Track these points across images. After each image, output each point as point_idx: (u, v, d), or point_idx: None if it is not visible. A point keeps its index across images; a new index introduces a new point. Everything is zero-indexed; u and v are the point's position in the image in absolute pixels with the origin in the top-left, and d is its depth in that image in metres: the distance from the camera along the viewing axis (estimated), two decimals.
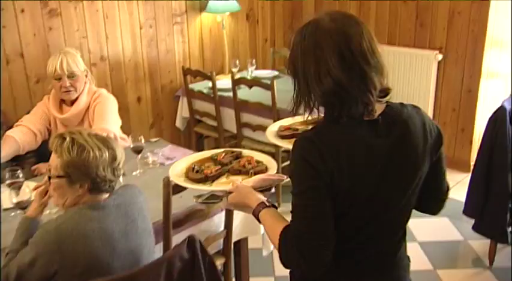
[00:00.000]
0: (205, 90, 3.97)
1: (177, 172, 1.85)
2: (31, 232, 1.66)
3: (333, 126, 1.26)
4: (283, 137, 2.01)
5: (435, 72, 4.21)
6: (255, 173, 1.74)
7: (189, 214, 2.13)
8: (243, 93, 3.71)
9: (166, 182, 1.97)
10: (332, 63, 1.21)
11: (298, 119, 2.00)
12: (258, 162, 1.86)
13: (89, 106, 2.70)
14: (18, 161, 2.77)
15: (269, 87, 3.47)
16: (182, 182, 1.78)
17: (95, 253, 1.55)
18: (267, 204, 1.40)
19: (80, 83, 2.66)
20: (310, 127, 1.32)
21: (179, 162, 1.94)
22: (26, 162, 2.81)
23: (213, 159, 1.94)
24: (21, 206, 2.02)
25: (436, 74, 4.22)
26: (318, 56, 1.22)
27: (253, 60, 4.27)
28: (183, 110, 4.23)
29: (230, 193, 1.49)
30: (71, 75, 2.61)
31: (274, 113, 3.52)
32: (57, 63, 2.59)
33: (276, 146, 3.58)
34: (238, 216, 2.38)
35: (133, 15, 3.85)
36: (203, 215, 2.18)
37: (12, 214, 2.17)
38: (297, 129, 2.01)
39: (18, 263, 1.58)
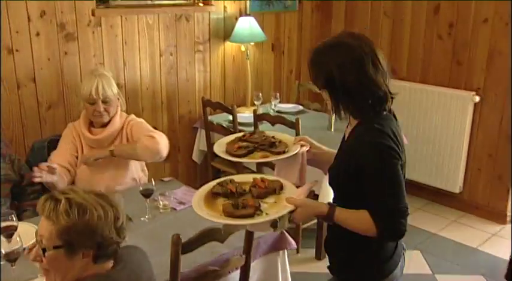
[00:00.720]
0: (225, 124, 3.74)
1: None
2: None
3: (380, 119, 1.60)
4: (239, 156, 1.96)
5: (471, 114, 3.94)
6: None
7: (201, 274, 1.87)
8: (265, 128, 3.47)
9: (176, 239, 1.72)
10: (370, 71, 1.55)
11: (231, 137, 2.14)
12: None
13: (122, 128, 2.71)
14: (19, 198, 2.56)
15: (293, 125, 3.23)
16: (229, 220, 1.60)
17: None
18: (333, 204, 1.61)
19: (113, 107, 2.65)
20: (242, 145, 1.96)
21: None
22: (26, 201, 2.57)
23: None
24: (10, 258, 1.78)
25: (471, 117, 3.95)
26: (357, 67, 1.54)
27: (277, 94, 4.04)
28: (200, 143, 4.01)
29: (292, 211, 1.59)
30: (105, 100, 2.59)
31: None
32: (92, 88, 2.54)
33: None
34: (255, 274, 2.12)
35: (154, 42, 3.66)
36: (216, 276, 1.91)
37: (2, 262, 1.93)
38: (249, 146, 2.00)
39: None
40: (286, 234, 2.23)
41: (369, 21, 4.54)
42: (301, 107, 4.16)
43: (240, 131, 3.62)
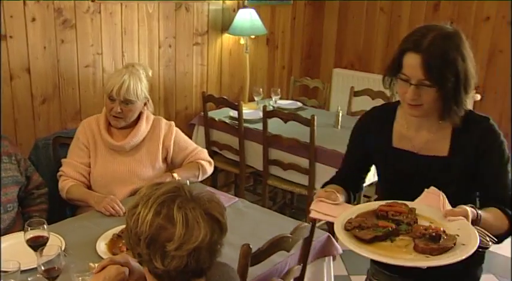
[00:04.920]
0: (227, 120, 3.55)
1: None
2: None
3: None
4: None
5: None
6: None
7: None
8: (275, 125, 3.31)
9: (246, 250, 1.54)
10: (473, 65, 1.45)
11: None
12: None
13: (152, 132, 2.44)
14: (24, 203, 2.28)
15: (308, 122, 3.09)
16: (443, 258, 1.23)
17: None
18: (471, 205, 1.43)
19: (133, 113, 2.35)
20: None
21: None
22: (32, 206, 2.30)
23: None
24: (51, 275, 1.54)
25: None
26: (470, 59, 1.44)
27: (279, 90, 3.89)
28: (197, 141, 3.78)
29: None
30: (126, 102, 2.29)
31: (311, 152, 3.13)
32: (116, 85, 2.26)
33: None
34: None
35: (153, 33, 3.41)
36: None
37: (30, 278, 1.69)
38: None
39: None
40: (333, 239, 2.09)
41: (364, 17, 4.47)
42: (299, 104, 4.02)
43: (245, 128, 3.44)
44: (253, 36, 3.98)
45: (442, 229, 1.29)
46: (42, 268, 1.53)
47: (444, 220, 1.34)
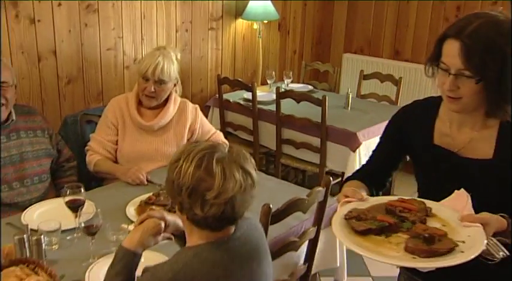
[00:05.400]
0: (241, 102, 3.69)
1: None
2: (131, 270, 1.36)
3: None
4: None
5: None
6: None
7: (281, 246, 1.85)
8: (289, 106, 3.45)
9: (266, 210, 1.69)
10: None
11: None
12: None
13: (178, 114, 2.56)
14: (55, 175, 2.44)
15: (320, 102, 3.23)
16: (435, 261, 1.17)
17: None
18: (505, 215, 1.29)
19: (165, 92, 2.47)
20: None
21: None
22: (63, 178, 2.46)
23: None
24: (91, 231, 1.70)
25: None
26: None
27: (291, 73, 4.02)
28: (212, 122, 3.93)
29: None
30: (160, 82, 2.42)
31: (323, 131, 3.27)
32: (151, 66, 2.38)
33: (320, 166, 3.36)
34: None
35: (171, 17, 3.56)
36: (295, 247, 1.90)
37: (69, 237, 1.85)
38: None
39: None
40: None
41: (373, 3, 4.57)
42: (310, 87, 4.15)
43: (259, 109, 3.59)
44: (266, 21, 4.11)
45: (444, 232, 1.23)
46: (83, 225, 1.70)
47: (459, 224, 1.26)
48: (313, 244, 2.02)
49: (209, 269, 1.26)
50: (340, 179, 3.27)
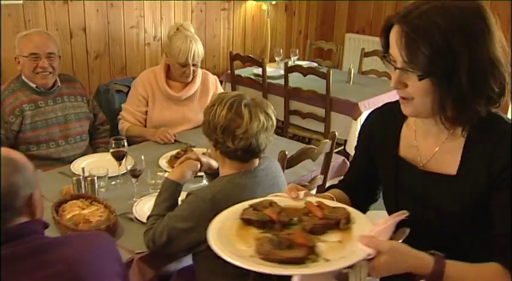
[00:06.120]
0: (252, 77, 4.00)
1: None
2: (176, 197, 1.69)
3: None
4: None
5: None
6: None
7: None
8: (296, 79, 3.76)
9: (282, 156, 2.02)
10: (499, 55, 1.09)
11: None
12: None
13: (202, 85, 2.83)
14: (91, 137, 2.76)
15: (325, 76, 3.54)
16: (264, 266, 0.97)
17: None
18: (439, 254, 1.04)
19: (198, 69, 2.78)
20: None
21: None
22: (98, 139, 2.80)
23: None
24: (135, 174, 2.03)
25: None
26: (490, 46, 1.07)
27: (297, 51, 4.33)
28: None
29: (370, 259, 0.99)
30: (195, 65, 2.72)
31: (327, 102, 3.58)
32: (189, 53, 2.64)
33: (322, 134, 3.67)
34: None
35: None
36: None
37: (113, 182, 2.18)
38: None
39: (170, 227, 1.59)
40: (348, 163, 2.56)
41: None
42: (315, 64, 4.45)
43: (268, 83, 3.90)
44: (274, 3, 4.41)
45: (312, 244, 1.02)
46: (129, 168, 2.03)
47: (355, 242, 1.02)
48: (320, 190, 2.35)
49: (239, 192, 1.59)
50: (342, 147, 3.61)
